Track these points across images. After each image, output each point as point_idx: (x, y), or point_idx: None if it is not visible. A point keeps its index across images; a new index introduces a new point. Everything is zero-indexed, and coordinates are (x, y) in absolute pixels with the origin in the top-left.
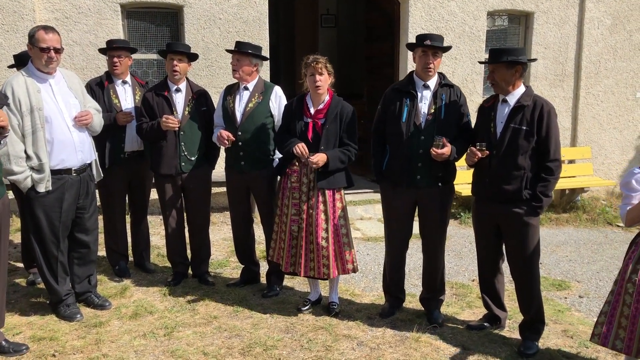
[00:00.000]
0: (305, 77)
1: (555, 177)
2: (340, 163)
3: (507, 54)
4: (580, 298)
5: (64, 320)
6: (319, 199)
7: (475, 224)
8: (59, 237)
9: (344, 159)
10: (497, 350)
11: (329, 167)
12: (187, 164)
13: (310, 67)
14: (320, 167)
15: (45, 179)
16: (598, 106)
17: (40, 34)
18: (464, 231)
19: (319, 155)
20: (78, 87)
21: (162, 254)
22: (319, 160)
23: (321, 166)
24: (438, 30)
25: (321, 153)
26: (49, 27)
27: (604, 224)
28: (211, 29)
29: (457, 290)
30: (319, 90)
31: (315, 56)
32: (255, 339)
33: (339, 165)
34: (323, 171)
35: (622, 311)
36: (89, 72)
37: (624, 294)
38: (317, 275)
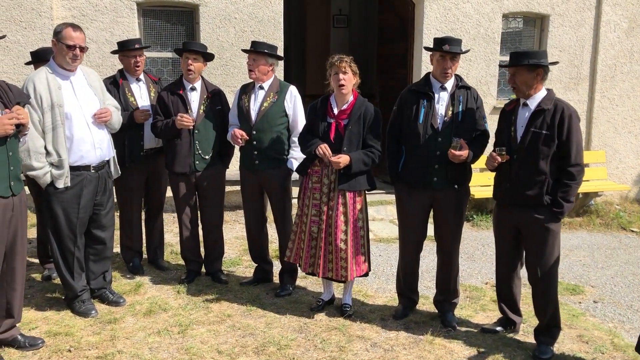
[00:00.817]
0: (330, 77)
1: (577, 182)
2: (363, 165)
3: (529, 57)
4: (595, 303)
5: (79, 316)
6: (339, 200)
7: (496, 228)
8: (76, 233)
9: (367, 161)
10: (512, 354)
11: (351, 170)
12: (201, 163)
13: (335, 66)
14: (343, 169)
15: (64, 175)
16: (613, 110)
17: (68, 31)
18: (476, 234)
19: (342, 156)
20: (97, 84)
21: (176, 251)
22: (342, 161)
23: (343, 167)
24: (453, 32)
25: (344, 154)
26: (76, 25)
27: (618, 228)
28: (226, 28)
29: (470, 293)
30: (343, 90)
31: (340, 55)
32: (268, 338)
33: (362, 168)
34: (345, 173)
35: None
36: (105, 70)
37: None
38: (335, 277)
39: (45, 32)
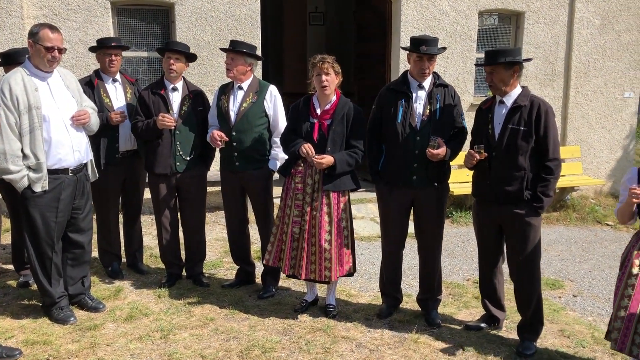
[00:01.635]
0: (312, 77)
1: (555, 177)
2: (347, 166)
3: (505, 55)
4: (574, 297)
5: (58, 324)
6: (323, 200)
7: (476, 224)
8: (53, 237)
9: (351, 162)
10: (496, 350)
11: (336, 170)
12: (182, 164)
13: (317, 67)
14: (326, 170)
15: (42, 178)
16: (587, 105)
17: (46, 32)
18: (456, 230)
19: (326, 157)
20: (75, 86)
21: (155, 254)
22: (325, 162)
23: (326, 168)
24: (430, 30)
25: (328, 155)
26: (53, 25)
27: (594, 222)
28: (202, 26)
29: (452, 290)
30: (326, 91)
31: (322, 56)
32: (253, 341)
33: (346, 169)
34: (329, 173)
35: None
36: (79, 71)
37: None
38: (319, 279)
39: (15, 32)
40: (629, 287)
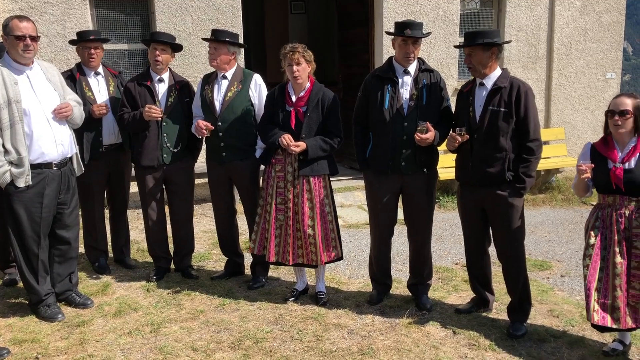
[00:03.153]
0: (284, 67)
1: (537, 157)
2: (321, 151)
3: (483, 37)
4: (562, 277)
5: (45, 321)
6: (304, 187)
7: (461, 208)
8: (39, 233)
9: (325, 147)
10: (487, 332)
11: (308, 155)
12: (169, 156)
13: (287, 57)
14: (301, 155)
15: (24, 173)
16: (570, 87)
17: (15, 22)
18: (444, 215)
19: (298, 143)
20: (57, 79)
21: (142, 248)
22: (297, 148)
23: (299, 153)
24: (412, 15)
25: (300, 141)
26: (22, 15)
27: (579, 203)
28: (183, 16)
29: (442, 274)
30: (298, 80)
31: (292, 45)
32: (244, 332)
33: (320, 154)
34: (304, 159)
35: None
36: (59, 64)
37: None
38: (306, 262)
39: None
40: (586, 257)
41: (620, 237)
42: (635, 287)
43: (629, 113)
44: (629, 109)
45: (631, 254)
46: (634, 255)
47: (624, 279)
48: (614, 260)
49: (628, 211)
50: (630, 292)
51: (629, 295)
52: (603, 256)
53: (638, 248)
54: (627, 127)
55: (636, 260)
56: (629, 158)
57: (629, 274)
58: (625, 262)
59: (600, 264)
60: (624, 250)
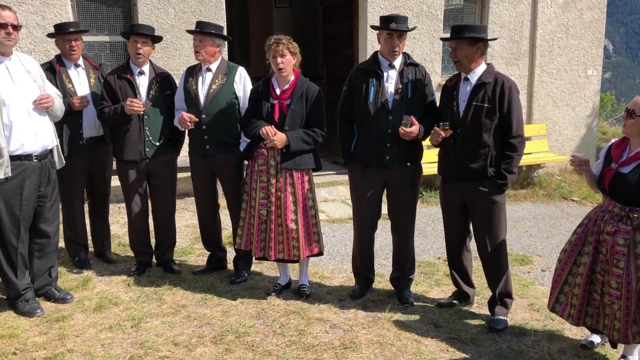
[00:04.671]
0: (269, 59)
1: (519, 154)
2: (303, 144)
3: (470, 31)
4: (542, 272)
5: (24, 316)
6: (287, 180)
7: (442, 203)
8: (19, 227)
9: (307, 140)
10: (468, 326)
11: (290, 148)
12: (151, 149)
13: (272, 49)
14: (284, 148)
15: (4, 164)
16: (552, 84)
17: None
18: (426, 210)
19: (279, 134)
20: (37, 71)
21: (123, 243)
22: (277, 139)
23: (280, 147)
24: (397, 10)
25: (282, 133)
26: (4, 5)
27: (560, 198)
28: (165, 9)
29: (424, 268)
30: (283, 73)
31: (277, 37)
32: (226, 326)
33: (303, 147)
34: (287, 152)
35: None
36: (38, 56)
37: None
38: (287, 257)
39: None
40: (562, 251)
41: (592, 239)
42: (598, 291)
43: (635, 113)
44: (635, 108)
45: (597, 259)
46: (600, 260)
47: (584, 280)
48: (577, 258)
49: (608, 215)
50: (594, 296)
51: (592, 299)
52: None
53: (603, 254)
54: (633, 128)
55: (600, 266)
56: (629, 162)
57: (594, 277)
58: (589, 264)
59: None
60: (591, 251)
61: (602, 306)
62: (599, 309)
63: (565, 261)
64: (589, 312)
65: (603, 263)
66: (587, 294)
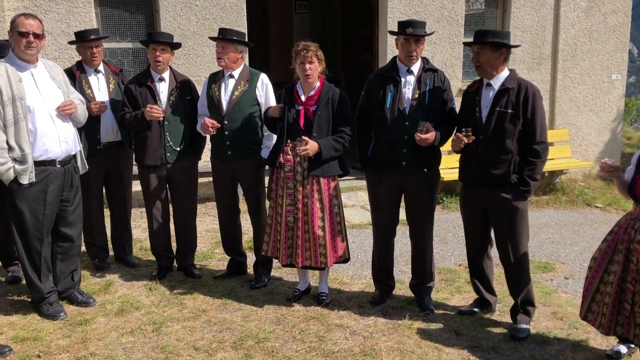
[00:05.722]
0: (296, 65)
1: (542, 160)
2: (333, 151)
3: (493, 36)
4: (566, 279)
5: (48, 319)
6: (314, 187)
7: (463, 209)
8: (42, 231)
9: (337, 147)
10: (490, 334)
11: (322, 156)
12: (172, 155)
13: (300, 55)
14: (313, 156)
15: (28, 170)
16: (575, 89)
17: (21, 19)
18: (447, 216)
19: (311, 143)
20: (61, 77)
21: (145, 247)
22: (310, 148)
23: (312, 155)
24: (417, 15)
25: (313, 141)
26: (29, 13)
27: (583, 205)
28: (187, 16)
29: (445, 275)
30: (309, 79)
31: (305, 44)
32: (246, 331)
33: (333, 154)
34: (316, 160)
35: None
36: (62, 63)
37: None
38: (315, 265)
39: None
40: (592, 259)
41: (623, 247)
42: (628, 300)
43: None
44: None
45: (628, 268)
46: (630, 269)
47: (615, 289)
48: (608, 267)
49: (639, 224)
50: (625, 305)
51: (622, 308)
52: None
53: (634, 263)
54: None
55: (631, 275)
56: None
57: (624, 286)
58: (620, 272)
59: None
60: (621, 260)
61: (632, 316)
62: (629, 318)
63: (596, 269)
64: (619, 321)
65: (634, 272)
66: (617, 303)
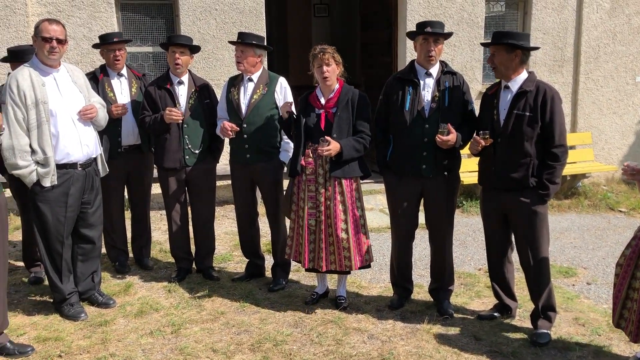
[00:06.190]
0: (313, 69)
1: (561, 164)
2: (355, 152)
3: (508, 38)
4: (588, 285)
5: (69, 320)
6: (336, 189)
7: (483, 213)
8: (63, 233)
9: (358, 147)
10: (510, 340)
11: (343, 157)
12: (191, 157)
13: (317, 58)
14: (334, 157)
15: (50, 173)
16: (598, 91)
17: (44, 24)
18: (467, 220)
19: (333, 143)
20: (82, 81)
21: (165, 249)
22: (332, 148)
23: (334, 156)
24: (436, 17)
25: (335, 142)
26: (54, 19)
27: (606, 209)
28: (207, 20)
29: (464, 279)
30: (327, 82)
31: (322, 47)
32: (264, 334)
33: (354, 154)
34: (337, 160)
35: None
36: (84, 67)
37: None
38: (339, 269)
39: (20, 30)
40: (618, 265)
41: None
42: None
43: None
44: None
45: None
46: None
47: None
48: (635, 272)
49: None
50: None
51: None
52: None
53: None
54: None
55: None
56: None
57: None
58: None
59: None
60: None
61: None
62: None
63: (623, 276)
64: (624, 314)
65: None
66: None
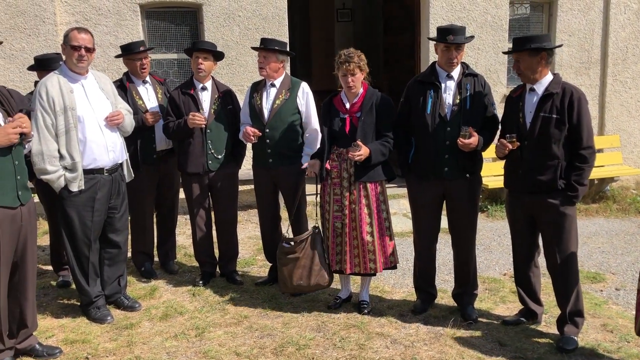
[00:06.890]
0: (339, 74)
1: (590, 165)
2: (381, 156)
3: (530, 42)
4: (617, 290)
5: (95, 323)
6: (361, 192)
7: (510, 217)
8: (90, 237)
9: (385, 151)
10: (535, 346)
11: (371, 161)
12: (214, 162)
13: (342, 68)
14: (363, 162)
15: (77, 178)
16: (626, 93)
17: (74, 33)
18: (491, 224)
19: (364, 148)
20: (109, 88)
21: (189, 253)
22: (363, 155)
23: (363, 160)
24: (460, 21)
25: (365, 147)
26: (82, 28)
27: (636, 213)
28: (230, 26)
29: (489, 284)
30: (352, 90)
31: (347, 55)
32: (287, 338)
33: (380, 159)
34: (364, 165)
35: None
36: (111, 74)
37: None
38: (364, 271)
39: (49, 39)
40: None
41: None
42: None
43: None
44: None
45: None
46: None
47: None
48: None
49: None
50: None
51: None
52: None
53: None
54: None
55: None
56: None
57: None
58: None
59: None
60: None
61: None
62: None
63: None
64: None
65: None
66: None
